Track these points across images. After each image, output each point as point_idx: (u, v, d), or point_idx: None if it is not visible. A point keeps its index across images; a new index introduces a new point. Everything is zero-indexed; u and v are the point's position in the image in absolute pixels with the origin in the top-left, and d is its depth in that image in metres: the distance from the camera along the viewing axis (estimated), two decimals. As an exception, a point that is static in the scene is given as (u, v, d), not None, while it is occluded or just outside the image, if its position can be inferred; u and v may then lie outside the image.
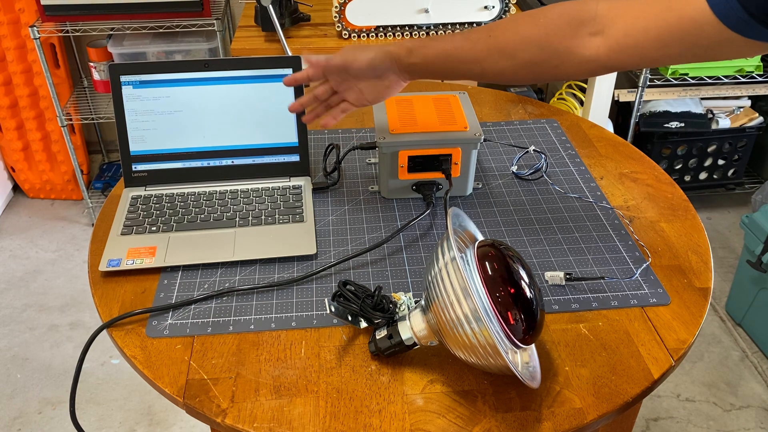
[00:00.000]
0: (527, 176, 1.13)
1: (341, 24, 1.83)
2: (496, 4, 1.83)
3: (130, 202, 1.04)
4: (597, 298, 0.88)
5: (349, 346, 0.82)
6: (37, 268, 2.25)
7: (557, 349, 0.81)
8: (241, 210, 1.02)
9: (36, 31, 2.01)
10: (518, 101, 1.38)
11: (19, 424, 1.72)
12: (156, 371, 0.78)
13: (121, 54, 2.16)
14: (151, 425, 1.73)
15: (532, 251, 0.96)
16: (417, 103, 1.09)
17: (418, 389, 0.76)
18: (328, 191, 1.10)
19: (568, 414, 0.73)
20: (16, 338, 1.98)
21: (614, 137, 1.25)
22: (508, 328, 0.71)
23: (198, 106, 1.06)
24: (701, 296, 0.89)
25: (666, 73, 2.17)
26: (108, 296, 0.89)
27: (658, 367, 0.79)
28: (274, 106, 1.07)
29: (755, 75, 2.19)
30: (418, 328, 0.76)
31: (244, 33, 1.92)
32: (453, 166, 1.04)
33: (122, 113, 1.05)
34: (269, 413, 0.73)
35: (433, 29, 1.86)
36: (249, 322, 0.85)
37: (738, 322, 2.02)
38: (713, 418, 1.75)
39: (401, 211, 1.05)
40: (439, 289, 0.71)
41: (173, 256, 0.94)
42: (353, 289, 0.83)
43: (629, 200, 1.07)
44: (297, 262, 0.94)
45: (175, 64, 1.04)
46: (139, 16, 2.02)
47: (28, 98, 2.31)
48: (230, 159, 1.08)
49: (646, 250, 0.96)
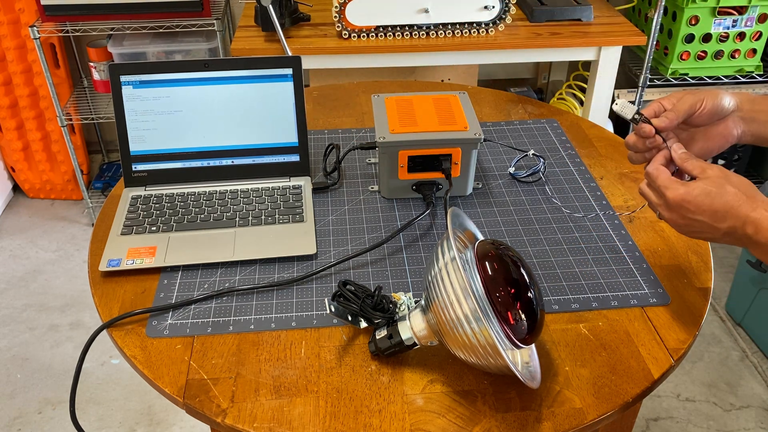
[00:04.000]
0: (524, 178, 1.12)
1: (341, 24, 1.83)
2: (496, 4, 1.82)
3: (130, 202, 1.04)
4: (597, 298, 0.88)
5: (349, 346, 0.82)
6: (37, 268, 2.25)
7: (557, 349, 0.81)
8: (241, 210, 1.02)
9: (36, 31, 2.01)
10: (518, 101, 1.38)
11: (19, 424, 1.72)
12: (156, 371, 0.78)
13: (121, 54, 2.16)
14: (151, 425, 1.73)
15: (532, 251, 0.96)
16: (417, 103, 1.09)
17: (418, 389, 0.76)
18: (328, 191, 1.10)
19: (568, 414, 0.73)
20: (16, 338, 1.98)
21: (614, 137, 1.25)
22: (508, 328, 0.71)
23: (198, 106, 1.06)
24: (701, 296, 0.89)
25: (666, 73, 2.17)
26: (108, 296, 0.89)
27: (658, 367, 0.79)
28: (274, 106, 1.07)
29: (755, 75, 2.19)
30: (418, 328, 0.76)
31: (244, 33, 1.92)
32: (453, 166, 1.04)
33: (122, 113, 1.05)
34: (269, 413, 0.73)
35: (433, 29, 1.86)
36: (249, 322, 0.85)
37: (738, 322, 2.02)
38: (713, 418, 1.75)
39: (401, 211, 1.05)
40: (439, 289, 0.71)
41: (173, 256, 0.94)
42: (353, 289, 0.83)
43: (629, 200, 1.07)
44: (297, 262, 0.94)
45: (175, 64, 1.04)
46: (139, 16, 2.02)
47: (28, 98, 2.31)
48: (230, 159, 1.08)
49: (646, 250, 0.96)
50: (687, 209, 0.75)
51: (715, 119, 0.84)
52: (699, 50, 2.12)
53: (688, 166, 0.79)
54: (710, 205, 0.73)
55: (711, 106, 0.83)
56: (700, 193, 0.74)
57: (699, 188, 0.74)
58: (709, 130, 0.86)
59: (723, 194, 0.73)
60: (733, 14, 2.06)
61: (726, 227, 0.74)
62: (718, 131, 0.85)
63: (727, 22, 2.07)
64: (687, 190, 0.75)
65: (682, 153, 0.81)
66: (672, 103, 0.84)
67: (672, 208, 0.76)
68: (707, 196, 0.74)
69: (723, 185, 0.74)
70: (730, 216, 0.73)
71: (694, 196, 0.74)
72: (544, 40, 1.86)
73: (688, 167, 0.79)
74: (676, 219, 0.77)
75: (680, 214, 0.76)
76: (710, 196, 0.74)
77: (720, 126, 0.85)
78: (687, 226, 0.76)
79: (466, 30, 1.87)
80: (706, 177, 0.75)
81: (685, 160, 0.80)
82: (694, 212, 0.74)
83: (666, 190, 0.77)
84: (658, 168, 0.79)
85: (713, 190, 0.74)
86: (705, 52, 2.13)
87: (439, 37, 1.87)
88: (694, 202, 0.74)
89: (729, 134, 0.85)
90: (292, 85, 1.06)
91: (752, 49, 2.14)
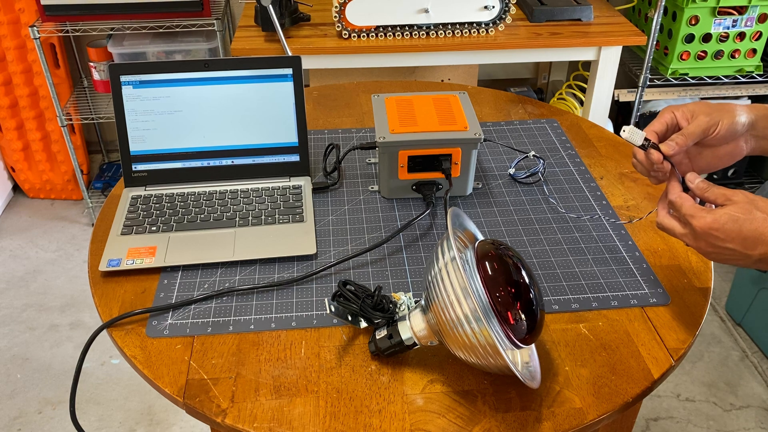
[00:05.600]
0: (524, 179, 1.12)
1: (341, 24, 1.83)
2: (496, 4, 1.83)
3: (130, 202, 1.04)
4: (597, 298, 0.88)
5: (349, 346, 0.82)
6: (37, 268, 2.25)
7: (557, 349, 0.81)
8: (241, 210, 1.02)
9: (36, 31, 2.01)
10: (518, 101, 1.38)
11: (19, 424, 1.72)
12: (156, 371, 0.78)
13: (121, 54, 2.16)
14: (151, 425, 1.73)
15: (532, 251, 0.96)
16: (417, 103, 1.09)
17: (418, 389, 0.76)
18: (328, 191, 1.10)
19: (568, 414, 0.73)
20: (16, 338, 1.98)
21: (614, 137, 1.25)
22: (508, 328, 0.71)
23: (198, 106, 1.06)
24: (701, 296, 0.89)
25: (666, 73, 2.17)
26: (108, 296, 0.89)
27: (658, 367, 0.79)
28: (274, 106, 1.07)
29: (755, 75, 2.19)
30: (418, 328, 0.76)
31: (244, 33, 1.92)
32: (453, 166, 1.04)
33: (122, 113, 1.05)
34: (269, 413, 0.73)
35: (433, 29, 1.86)
36: (249, 322, 0.85)
37: (738, 322, 2.02)
38: (713, 418, 1.75)
39: (401, 211, 1.05)
40: (439, 289, 0.71)
41: (173, 256, 0.94)
42: (353, 289, 0.83)
43: (629, 200, 1.07)
44: (297, 262, 0.94)
45: (175, 64, 1.04)
46: (139, 16, 2.02)
47: (28, 98, 2.31)
48: (230, 159, 1.08)
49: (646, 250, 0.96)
50: (716, 237, 0.73)
51: (728, 140, 0.82)
52: (699, 50, 2.12)
53: (710, 195, 0.77)
54: (739, 232, 0.71)
55: (726, 130, 0.80)
56: (728, 220, 0.72)
57: (726, 215, 0.72)
58: (719, 148, 0.83)
59: (752, 220, 0.71)
60: (733, 14, 2.06)
61: (758, 254, 0.71)
62: (727, 150, 0.83)
63: (727, 22, 2.07)
64: (714, 218, 0.72)
65: (700, 182, 0.78)
66: (686, 117, 0.81)
67: (700, 237, 0.74)
68: (735, 223, 0.71)
69: (751, 211, 0.71)
70: (761, 243, 0.71)
71: (721, 223, 0.72)
72: (544, 40, 1.86)
73: (710, 197, 0.76)
74: (705, 247, 0.75)
75: (708, 243, 0.74)
76: (738, 223, 0.71)
77: (731, 145, 0.82)
78: (717, 254, 0.74)
79: (466, 30, 1.87)
80: (732, 203, 0.73)
81: (705, 190, 0.77)
82: (723, 240, 0.72)
83: (692, 219, 0.74)
84: (681, 195, 0.77)
85: (741, 217, 0.71)
86: (705, 52, 2.13)
87: (439, 37, 1.87)
88: (722, 230, 0.72)
89: (739, 153, 0.83)
90: (292, 85, 1.06)
91: (752, 49, 2.14)
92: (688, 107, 0.82)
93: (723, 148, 0.83)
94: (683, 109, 0.82)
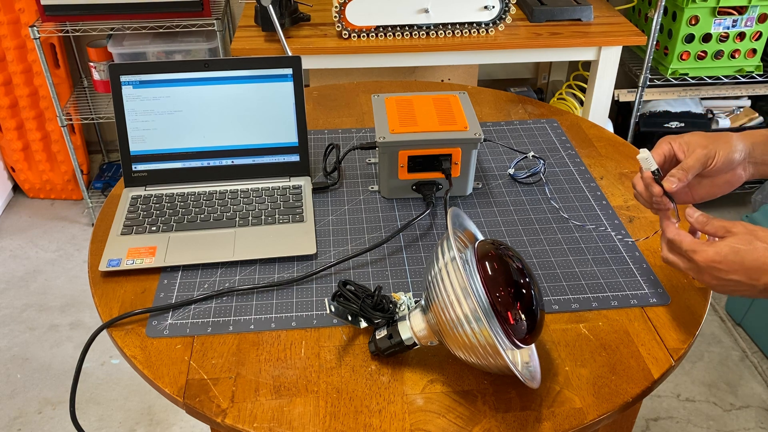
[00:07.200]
0: (523, 179, 1.13)
1: (341, 24, 1.83)
2: (496, 4, 1.83)
3: (130, 202, 1.04)
4: (597, 298, 0.88)
5: (349, 346, 0.82)
6: (37, 268, 2.25)
7: (557, 349, 0.81)
8: (241, 210, 1.02)
9: (36, 31, 2.01)
10: (518, 101, 1.38)
11: (19, 424, 1.72)
12: (156, 371, 0.78)
13: (121, 54, 2.16)
14: (151, 425, 1.73)
15: (532, 251, 0.96)
16: (417, 103, 1.09)
17: (418, 389, 0.76)
18: (328, 191, 1.10)
19: (568, 414, 0.73)
20: (16, 338, 1.98)
21: (614, 137, 1.25)
22: (508, 328, 0.71)
23: (198, 106, 1.06)
24: (701, 296, 0.89)
25: (666, 73, 2.17)
26: (108, 296, 0.89)
27: (658, 367, 0.79)
28: (274, 106, 1.07)
29: (755, 75, 2.19)
30: (418, 328, 0.76)
31: (244, 33, 1.92)
32: (453, 166, 1.04)
33: (122, 113, 1.05)
34: (269, 413, 0.73)
35: (433, 29, 1.86)
36: (249, 322, 0.85)
37: (738, 322, 2.02)
38: (713, 418, 1.75)
39: (401, 211, 1.05)
40: (439, 289, 0.71)
41: (173, 256, 0.94)
42: (353, 289, 0.83)
43: (629, 200, 1.07)
44: (297, 262, 0.94)
45: (175, 64, 1.04)
46: (139, 16, 2.02)
47: (28, 98, 2.31)
48: (230, 159, 1.08)
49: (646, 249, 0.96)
50: (719, 269, 0.73)
51: (726, 170, 0.83)
52: (699, 50, 2.12)
53: (710, 229, 0.77)
54: (741, 264, 0.72)
55: (723, 161, 0.81)
56: (729, 252, 0.72)
57: (727, 247, 0.72)
58: (717, 177, 0.84)
59: (753, 251, 0.71)
60: (733, 14, 2.06)
61: (763, 284, 0.71)
62: (726, 179, 0.84)
63: (727, 22, 2.07)
64: (716, 251, 0.73)
65: (699, 216, 0.79)
66: (683, 149, 0.82)
67: (703, 271, 0.74)
68: (737, 254, 0.72)
69: (751, 241, 0.72)
70: (764, 272, 0.71)
71: (723, 255, 0.72)
72: (544, 40, 1.86)
73: (710, 230, 0.77)
74: (710, 280, 0.75)
75: (713, 275, 0.74)
76: (740, 254, 0.72)
77: (729, 174, 0.84)
78: (722, 286, 0.74)
79: (466, 30, 1.87)
80: (732, 235, 0.73)
81: (704, 224, 0.78)
82: (727, 272, 0.72)
83: (694, 254, 0.75)
84: (680, 233, 0.78)
85: (742, 248, 0.72)
86: (705, 52, 2.13)
87: (439, 37, 1.87)
88: (724, 262, 0.72)
89: (737, 180, 0.84)
90: (292, 85, 1.06)
91: (752, 49, 2.14)
92: (684, 139, 0.83)
93: (721, 177, 0.84)
94: (680, 141, 0.83)
